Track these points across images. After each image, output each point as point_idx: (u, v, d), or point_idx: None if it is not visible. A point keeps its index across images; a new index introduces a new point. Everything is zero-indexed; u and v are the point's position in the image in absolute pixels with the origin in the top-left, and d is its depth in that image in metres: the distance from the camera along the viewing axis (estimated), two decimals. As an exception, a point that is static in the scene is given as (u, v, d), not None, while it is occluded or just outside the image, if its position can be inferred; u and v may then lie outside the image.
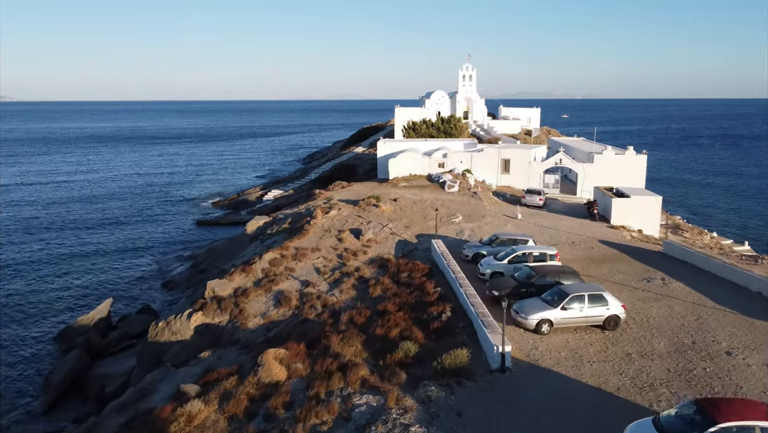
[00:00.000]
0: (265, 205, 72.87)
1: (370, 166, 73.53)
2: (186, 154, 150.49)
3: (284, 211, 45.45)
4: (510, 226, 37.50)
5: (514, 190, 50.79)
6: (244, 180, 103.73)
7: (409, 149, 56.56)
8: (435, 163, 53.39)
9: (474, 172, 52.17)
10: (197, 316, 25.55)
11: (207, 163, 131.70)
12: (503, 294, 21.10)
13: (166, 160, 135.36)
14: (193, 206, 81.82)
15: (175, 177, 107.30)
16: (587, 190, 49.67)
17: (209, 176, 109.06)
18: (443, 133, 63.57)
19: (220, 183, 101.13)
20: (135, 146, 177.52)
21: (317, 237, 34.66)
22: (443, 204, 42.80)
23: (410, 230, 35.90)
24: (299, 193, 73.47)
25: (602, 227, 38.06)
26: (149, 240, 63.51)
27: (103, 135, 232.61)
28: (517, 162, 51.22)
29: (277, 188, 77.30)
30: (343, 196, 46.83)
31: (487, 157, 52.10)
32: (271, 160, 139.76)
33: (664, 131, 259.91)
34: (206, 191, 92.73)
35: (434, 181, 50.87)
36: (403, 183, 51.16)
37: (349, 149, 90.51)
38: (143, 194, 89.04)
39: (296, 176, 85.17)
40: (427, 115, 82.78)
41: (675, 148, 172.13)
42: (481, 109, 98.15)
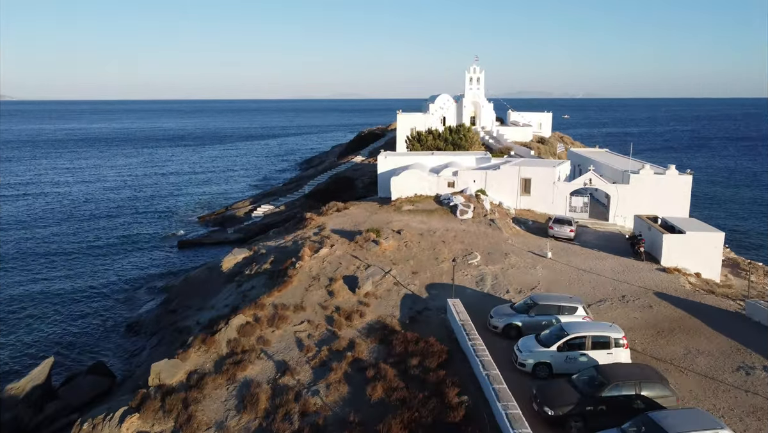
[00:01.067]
0: (254, 222, 66.00)
1: (369, 180, 66.65)
2: (178, 160, 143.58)
3: (268, 244, 38.54)
4: (540, 269, 30.62)
5: (535, 215, 43.88)
6: (235, 189, 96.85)
7: (414, 165, 49.65)
8: (444, 183, 46.48)
9: (489, 193, 45.26)
10: (132, 420, 18.66)
11: (198, 169, 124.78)
12: (562, 414, 14.26)
13: (156, 167, 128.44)
14: (178, 221, 74.94)
15: (162, 186, 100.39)
16: (621, 216, 42.77)
17: (199, 185, 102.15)
18: (452, 145, 56.65)
19: (209, 192, 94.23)
20: (126, 150, 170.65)
21: (303, 288, 27.76)
22: (456, 236, 35.92)
23: (418, 276, 29.01)
24: (291, 209, 66.57)
25: (652, 270, 31.17)
26: (122, 266, 56.58)
27: (95, 137, 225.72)
28: (539, 182, 44.31)
29: (268, 203, 70.39)
30: (337, 225, 39.93)
31: (505, 176, 45.20)
32: (266, 165, 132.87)
33: (672, 133, 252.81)
34: (194, 203, 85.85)
35: (443, 203, 43.98)
36: (407, 206, 44.26)
37: (347, 158, 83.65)
38: (126, 208, 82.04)
39: (289, 188, 78.26)
40: (432, 121, 75.91)
41: (687, 152, 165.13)
42: (489, 114, 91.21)
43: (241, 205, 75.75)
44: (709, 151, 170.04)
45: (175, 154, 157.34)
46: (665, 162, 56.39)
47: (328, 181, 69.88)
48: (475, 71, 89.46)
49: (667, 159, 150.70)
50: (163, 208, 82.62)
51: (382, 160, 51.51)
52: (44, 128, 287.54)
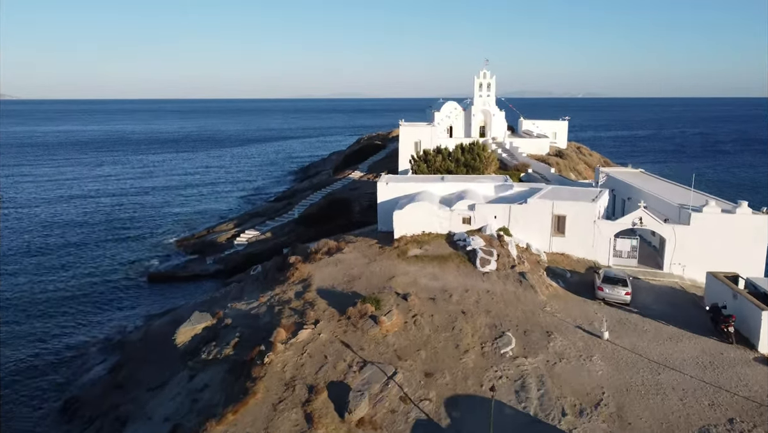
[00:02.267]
0: (236, 251, 57.73)
1: (368, 202, 58.36)
2: (167, 168, 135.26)
3: (237, 307, 30.15)
4: (599, 362, 22.37)
5: (572, 262, 35.58)
6: (222, 205, 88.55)
7: (421, 194, 41.37)
8: (458, 218, 38.18)
9: (514, 232, 37.00)
10: None
11: (187, 180, 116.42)
12: None
13: (142, 177, 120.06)
14: (153, 246, 66.68)
15: (145, 201, 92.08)
16: (679, 264, 34.47)
17: (184, 199, 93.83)
18: (464, 167, 48.30)
19: (193, 209, 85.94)
20: (115, 156, 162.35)
21: (269, 405, 19.46)
22: (479, 301, 27.67)
23: (434, 382, 20.72)
24: (278, 235, 58.25)
25: (749, 362, 22.91)
26: (79, 308, 48.31)
27: (86, 141, 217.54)
28: (576, 220, 36.03)
29: (254, 227, 62.11)
30: (326, 278, 31.63)
31: (533, 212, 36.89)
32: (260, 175, 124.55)
33: (681, 136, 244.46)
34: (175, 221, 77.59)
35: (458, 246, 35.70)
36: (414, 249, 35.97)
37: (343, 174, 75.31)
38: (98, 229, 73.61)
39: (278, 208, 69.93)
40: (438, 133, 67.56)
41: (704, 158, 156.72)
42: (501, 124, 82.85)
43: (224, 228, 67.46)
44: (724, 158, 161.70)
45: (166, 161, 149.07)
46: (683, 172, 48.26)
47: (322, 203, 61.58)
48: (485, 76, 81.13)
49: (683, 164, 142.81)
50: (140, 228, 74.35)
51: (382, 187, 43.19)
52: (36, 131, 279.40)
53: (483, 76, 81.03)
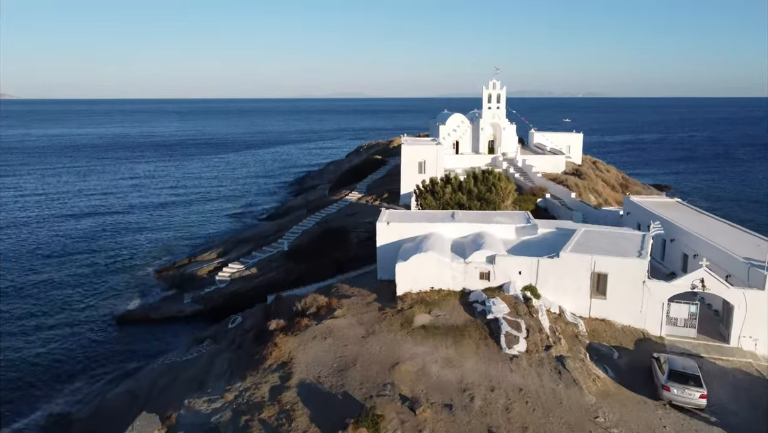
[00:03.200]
0: (217, 289, 51.10)
1: (367, 234, 51.70)
2: (156, 178, 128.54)
3: (195, 408, 23.52)
4: None
5: (615, 332, 28.91)
6: (208, 226, 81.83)
7: (429, 237, 34.73)
8: (474, 273, 31.58)
9: (543, 291, 30.39)
10: None
11: (175, 192, 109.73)
12: None
13: (129, 190, 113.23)
14: (129, 278, 60.03)
15: (128, 220, 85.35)
16: (750, 337, 27.85)
17: (169, 218, 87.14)
18: (478, 200, 41.64)
19: (180, 230, 79.28)
20: (104, 162, 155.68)
21: None
22: (509, 407, 21.10)
23: None
24: (265, 271, 51.57)
25: None
26: (30, 366, 41.75)
27: (79, 146, 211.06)
28: (620, 279, 29.39)
29: (238, 260, 55.46)
30: (310, 368, 24.98)
31: (567, 268, 30.25)
32: (253, 187, 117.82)
33: (690, 141, 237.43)
34: (158, 246, 70.92)
35: (476, 311, 29.11)
36: (421, 316, 29.34)
37: (340, 194, 68.61)
38: (75, 257, 66.46)
39: (267, 234, 63.23)
40: (445, 153, 60.91)
41: (718, 168, 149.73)
42: (511, 139, 76.18)
43: (207, 257, 60.80)
44: (740, 166, 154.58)
45: (157, 170, 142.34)
46: (704, 187, 41.49)
47: (315, 233, 54.86)
48: (495, 87, 74.46)
49: (698, 175, 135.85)
50: (119, 255, 67.71)
51: (383, 228, 36.52)
52: (29, 134, 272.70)
53: (492, 86, 74.37)
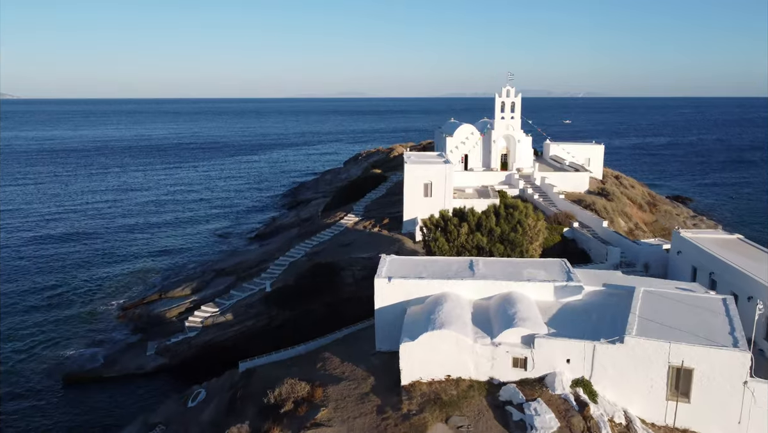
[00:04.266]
0: (186, 340, 42.96)
1: (363, 273, 43.62)
2: (145, 187, 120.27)
3: None
4: None
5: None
6: (192, 245, 73.77)
7: (442, 300, 26.67)
8: (505, 359, 23.51)
9: (599, 387, 22.30)
10: None
11: (161, 205, 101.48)
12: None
13: (112, 201, 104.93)
14: (91, 316, 52.03)
15: (102, 240, 77.22)
16: None
17: (149, 236, 78.97)
18: (501, 242, 33.49)
19: (157, 251, 71.25)
20: (93, 169, 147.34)
21: None
22: None
23: None
24: (242, 318, 43.41)
25: None
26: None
27: (69, 150, 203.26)
28: (710, 377, 21.33)
29: (213, 301, 47.31)
30: None
31: (633, 358, 22.16)
32: (245, 198, 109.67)
33: (701, 144, 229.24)
34: (129, 274, 62.90)
35: (509, 419, 21.06)
36: (435, 419, 21.27)
37: (334, 217, 60.39)
38: (34, 292, 58.61)
39: (251, 265, 55.09)
40: (454, 173, 52.65)
41: (736, 173, 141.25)
42: (527, 152, 68.01)
43: (179, 293, 52.70)
44: (755, 169, 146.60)
45: (147, 176, 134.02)
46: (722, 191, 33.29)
47: (303, 269, 46.59)
48: (509, 94, 66.31)
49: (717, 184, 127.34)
50: (82, 285, 59.70)
51: (382, 286, 28.37)
52: (18, 137, 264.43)
53: (506, 93, 66.21)
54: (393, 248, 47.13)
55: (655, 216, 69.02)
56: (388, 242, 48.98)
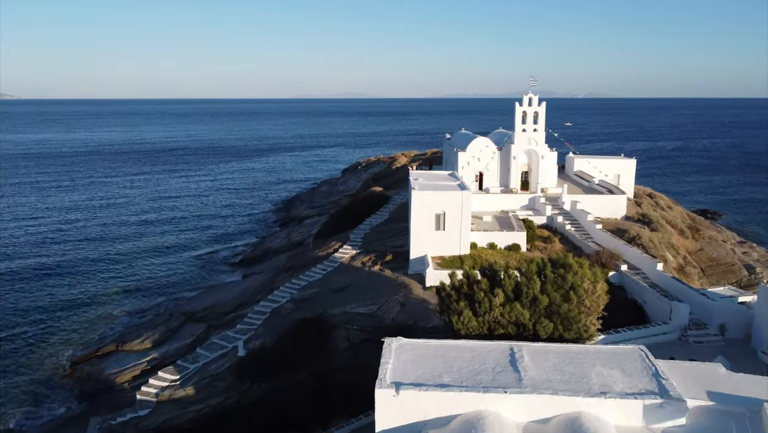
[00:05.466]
0: (134, 420, 33.75)
1: (362, 333, 34.47)
2: (128, 198, 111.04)
3: None
4: None
5: None
6: (165, 277, 64.66)
7: (475, 425, 17.64)
8: None
9: None
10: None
11: (142, 222, 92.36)
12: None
13: (89, 216, 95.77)
14: (33, 374, 43.03)
15: (71, 265, 68.20)
16: None
17: (124, 263, 69.72)
18: (547, 316, 24.34)
19: (125, 285, 62.17)
20: (77, 177, 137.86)
21: None
22: None
23: None
24: (206, 394, 34.24)
25: None
26: None
27: (57, 154, 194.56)
28: None
29: (174, 364, 38.07)
30: None
31: None
32: (234, 212, 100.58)
33: (714, 149, 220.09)
34: (91, 312, 53.97)
35: None
36: None
37: (327, 248, 51.09)
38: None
39: (226, 310, 45.93)
40: (471, 194, 43.32)
41: (759, 181, 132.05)
42: (551, 170, 58.94)
43: (137, 347, 43.54)
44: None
45: (133, 186, 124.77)
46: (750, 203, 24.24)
47: (286, 328, 37.36)
48: (531, 102, 57.18)
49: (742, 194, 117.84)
50: (33, 331, 50.56)
51: (386, 400, 19.29)
52: (5, 141, 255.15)
53: (528, 102, 57.09)
54: (398, 296, 38.04)
55: (699, 243, 59.85)
56: (392, 287, 39.86)
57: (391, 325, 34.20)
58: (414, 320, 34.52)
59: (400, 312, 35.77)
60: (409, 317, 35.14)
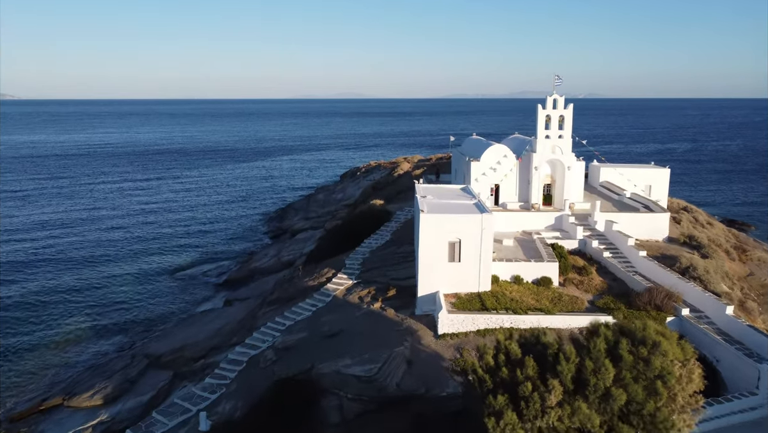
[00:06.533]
0: None
1: (358, 404, 26.69)
2: (112, 206, 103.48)
3: None
4: None
5: None
6: (138, 304, 57.04)
7: None
8: None
9: None
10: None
11: (122, 238, 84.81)
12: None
13: (59, 233, 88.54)
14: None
15: (33, 291, 60.76)
16: None
17: (89, 282, 62.38)
18: (625, 419, 16.65)
19: (91, 308, 54.65)
20: (63, 182, 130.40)
21: None
22: None
23: None
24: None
25: None
26: None
27: (47, 156, 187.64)
28: None
29: None
30: None
31: None
32: (225, 221, 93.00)
33: (726, 151, 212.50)
34: (47, 351, 46.43)
35: None
36: None
37: (319, 277, 43.27)
38: None
39: (194, 356, 38.21)
40: (493, 218, 35.56)
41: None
42: (578, 182, 51.23)
43: (84, 403, 35.88)
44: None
45: (120, 191, 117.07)
46: None
47: (261, 391, 29.65)
48: (556, 105, 49.44)
49: None
50: None
51: None
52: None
53: (552, 104, 49.36)
54: (403, 347, 30.35)
55: (747, 266, 52.12)
56: (396, 334, 32.17)
57: (395, 394, 26.55)
58: (425, 387, 26.88)
59: (407, 373, 28.10)
60: (418, 381, 27.49)
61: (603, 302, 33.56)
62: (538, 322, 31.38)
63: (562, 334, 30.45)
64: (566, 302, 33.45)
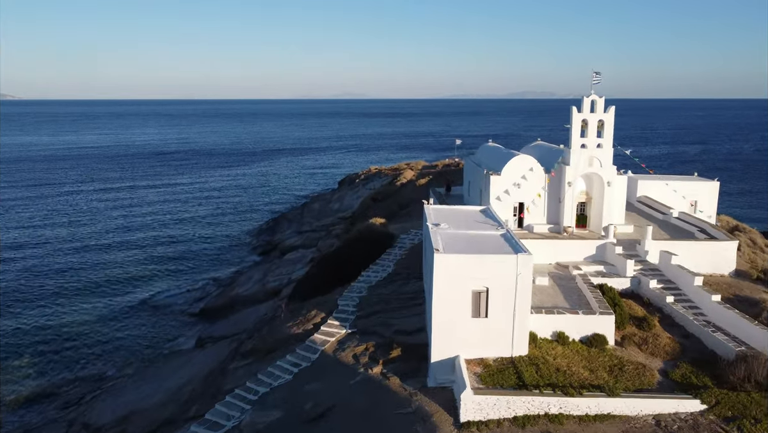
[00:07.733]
0: None
1: None
2: (93, 218, 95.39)
3: None
4: None
5: None
6: (97, 337, 48.62)
7: None
8: None
9: None
10: None
11: (98, 253, 76.59)
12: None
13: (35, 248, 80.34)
14: None
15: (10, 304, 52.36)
16: None
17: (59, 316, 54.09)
18: None
19: (56, 353, 46.37)
20: (49, 188, 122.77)
21: None
22: None
23: None
24: None
25: None
26: None
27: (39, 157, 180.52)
28: None
29: None
30: None
31: None
32: (213, 233, 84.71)
33: (740, 153, 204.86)
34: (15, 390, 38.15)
35: None
36: None
37: (307, 321, 34.79)
38: None
39: (165, 420, 29.79)
40: (526, 257, 26.93)
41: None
42: (619, 199, 42.65)
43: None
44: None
45: (100, 203, 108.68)
46: None
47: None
48: (594, 107, 40.91)
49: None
50: None
51: None
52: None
53: (590, 106, 40.83)
54: (413, 444, 21.82)
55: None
56: (402, 420, 23.67)
57: None
58: None
59: (419, 496, 19.48)
60: None
61: (680, 374, 25.04)
62: (598, 406, 22.89)
63: (632, 425, 22.00)
64: (630, 374, 24.93)
